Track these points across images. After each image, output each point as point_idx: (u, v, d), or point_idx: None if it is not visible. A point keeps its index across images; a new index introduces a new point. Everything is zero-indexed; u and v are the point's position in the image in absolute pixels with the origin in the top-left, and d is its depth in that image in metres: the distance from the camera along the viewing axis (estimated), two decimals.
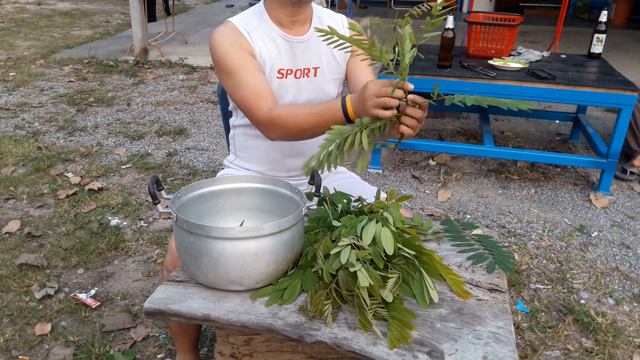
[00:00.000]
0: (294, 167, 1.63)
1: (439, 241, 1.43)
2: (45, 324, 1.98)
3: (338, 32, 1.18)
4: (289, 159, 1.63)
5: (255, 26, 1.51)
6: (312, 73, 1.56)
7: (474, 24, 3.32)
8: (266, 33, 1.51)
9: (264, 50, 1.50)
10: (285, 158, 1.63)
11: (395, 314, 1.09)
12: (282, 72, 1.53)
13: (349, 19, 1.61)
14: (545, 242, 2.59)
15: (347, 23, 1.60)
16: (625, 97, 2.83)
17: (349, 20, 1.60)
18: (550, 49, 5.10)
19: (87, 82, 5.11)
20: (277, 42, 1.52)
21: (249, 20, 1.52)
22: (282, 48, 1.52)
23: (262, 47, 1.50)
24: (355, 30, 1.23)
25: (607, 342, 1.96)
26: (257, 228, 1.12)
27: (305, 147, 1.60)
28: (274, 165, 1.64)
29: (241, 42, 1.48)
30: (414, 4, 9.95)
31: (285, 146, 1.60)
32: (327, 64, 1.57)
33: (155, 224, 2.69)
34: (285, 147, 1.61)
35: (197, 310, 1.13)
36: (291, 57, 1.53)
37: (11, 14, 8.99)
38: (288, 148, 1.61)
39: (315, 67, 1.56)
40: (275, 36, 1.52)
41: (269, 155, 1.63)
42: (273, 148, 1.61)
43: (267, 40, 1.51)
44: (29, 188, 3.01)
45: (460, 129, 4.09)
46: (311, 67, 1.56)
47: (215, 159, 3.48)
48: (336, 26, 1.59)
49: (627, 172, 3.25)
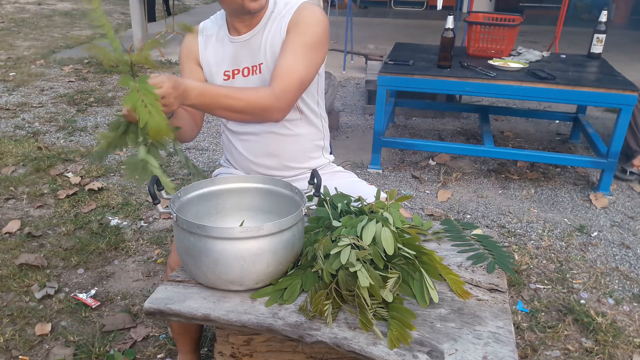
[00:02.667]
0: (269, 166, 1.65)
1: (439, 241, 1.43)
2: (45, 324, 1.98)
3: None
4: (261, 159, 1.64)
5: (212, 31, 1.59)
6: (257, 70, 1.56)
7: (474, 24, 3.32)
8: (219, 38, 1.58)
9: (211, 55, 1.58)
10: (257, 158, 1.64)
11: (395, 314, 1.09)
12: (227, 74, 1.57)
13: (306, 3, 1.51)
14: (545, 242, 2.59)
15: (298, 7, 1.49)
16: (625, 97, 2.83)
17: (301, 5, 1.50)
18: (550, 49, 5.10)
19: (87, 82, 5.12)
20: (225, 46, 1.57)
21: (213, 23, 1.61)
22: (227, 51, 1.56)
23: (210, 52, 1.58)
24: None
25: (607, 342, 1.96)
26: (257, 228, 1.12)
27: (274, 146, 1.62)
28: (249, 165, 1.66)
29: (191, 47, 1.60)
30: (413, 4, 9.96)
31: (255, 147, 1.63)
32: (272, 58, 1.52)
33: (155, 224, 2.69)
34: (254, 148, 1.63)
35: (197, 310, 1.13)
36: (235, 57, 1.56)
37: (11, 14, 8.99)
38: (260, 148, 1.63)
39: (259, 63, 1.55)
40: (225, 40, 1.57)
41: (242, 156, 1.66)
42: (244, 149, 1.65)
43: (217, 45, 1.58)
44: (29, 188, 3.01)
45: (460, 129, 4.09)
46: (257, 64, 1.55)
47: (215, 159, 3.48)
48: (281, 15, 1.50)
49: (627, 172, 3.25)
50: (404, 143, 3.37)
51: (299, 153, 1.66)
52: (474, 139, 3.88)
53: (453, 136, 3.95)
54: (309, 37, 1.45)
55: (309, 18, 1.47)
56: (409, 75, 3.05)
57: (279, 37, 1.50)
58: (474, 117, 4.36)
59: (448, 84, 3.02)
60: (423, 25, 8.26)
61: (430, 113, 4.29)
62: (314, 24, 1.47)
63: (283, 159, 1.64)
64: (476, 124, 4.21)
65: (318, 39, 1.47)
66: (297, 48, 1.44)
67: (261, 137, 1.60)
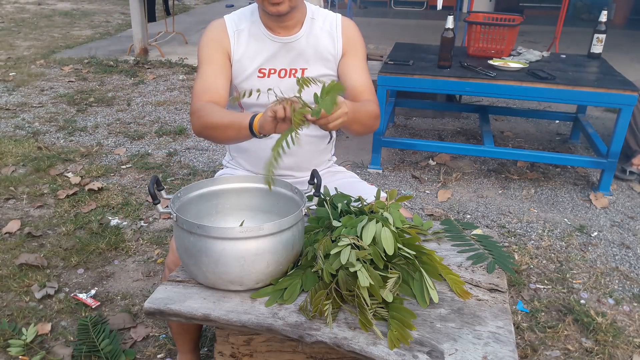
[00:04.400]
0: (285, 166, 1.64)
1: (439, 241, 1.43)
2: (45, 324, 1.98)
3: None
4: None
5: (244, 26, 1.57)
6: (298, 74, 1.58)
7: (474, 24, 3.32)
8: (253, 33, 1.57)
9: (247, 51, 1.56)
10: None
11: (395, 314, 1.09)
12: (263, 72, 1.57)
13: (345, 18, 1.63)
14: (545, 242, 2.59)
15: (341, 23, 1.61)
16: (625, 97, 2.83)
17: (344, 21, 1.62)
18: (550, 49, 5.10)
19: (87, 82, 5.11)
20: (263, 43, 1.56)
21: (241, 19, 1.59)
22: (266, 48, 1.56)
23: (245, 48, 1.56)
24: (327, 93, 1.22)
25: (607, 342, 1.96)
26: (257, 228, 1.12)
27: (295, 148, 1.60)
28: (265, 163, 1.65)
29: (222, 40, 1.56)
30: (413, 4, 9.96)
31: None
32: (316, 67, 1.59)
33: (155, 224, 2.69)
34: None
35: (197, 310, 1.13)
36: (275, 57, 1.56)
37: (11, 14, 8.99)
38: None
39: (302, 68, 1.58)
40: (262, 36, 1.56)
41: (259, 154, 1.64)
42: (262, 148, 1.63)
43: (253, 41, 1.56)
44: (29, 188, 3.01)
45: (460, 129, 4.09)
46: (298, 68, 1.58)
47: (215, 159, 3.48)
48: (329, 28, 1.60)
49: (627, 172, 3.25)
50: (404, 143, 3.37)
51: (314, 154, 1.68)
52: (474, 139, 3.88)
53: (453, 136, 3.95)
54: (364, 53, 1.65)
55: (359, 36, 1.64)
56: (409, 75, 3.05)
57: (324, 48, 1.59)
58: (474, 117, 4.36)
59: (448, 84, 3.02)
60: (423, 25, 8.26)
61: (430, 113, 4.29)
62: (362, 40, 1.66)
63: (299, 159, 1.65)
64: (476, 124, 4.21)
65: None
66: (363, 65, 1.62)
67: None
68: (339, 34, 1.60)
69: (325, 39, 1.59)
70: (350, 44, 1.61)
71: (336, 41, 1.59)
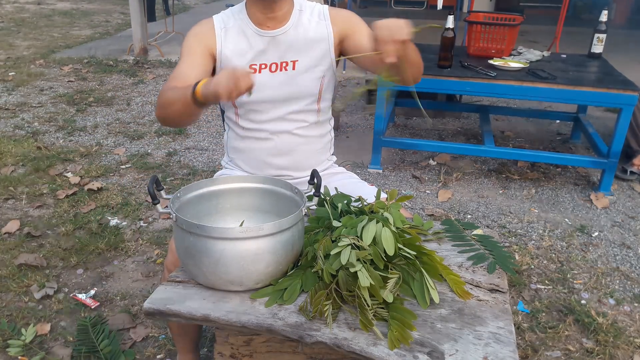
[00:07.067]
0: (283, 166, 1.64)
1: (440, 241, 1.42)
2: (44, 324, 1.98)
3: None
4: (275, 158, 1.64)
5: (232, 24, 1.57)
6: (290, 66, 1.56)
7: (474, 23, 3.32)
8: (241, 30, 1.57)
9: (236, 47, 1.56)
10: (271, 157, 1.63)
11: (395, 315, 1.09)
12: (254, 67, 1.56)
13: (332, 7, 1.62)
14: (545, 242, 2.59)
15: (329, 12, 1.60)
16: (626, 97, 2.83)
17: (331, 10, 1.60)
18: (550, 49, 5.10)
19: (87, 82, 5.11)
20: (251, 39, 1.56)
21: (229, 17, 1.59)
22: (254, 44, 1.55)
23: (234, 45, 1.56)
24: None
25: (607, 343, 1.95)
26: (257, 228, 1.12)
27: (289, 146, 1.62)
28: (262, 164, 1.65)
29: (206, 36, 1.56)
30: (414, 3, 9.95)
31: (270, 146, 1.62)
32: (308, 58, 1.57)
33: (155, 224, 2.69)
34: (269, 147, 1.62)
35: (196, 310, 1.13)
36: (265, 52, 1.56)
37: (11, 14, 8.99)
38: (272, 148, 1.62)
39: (293, 61, 1.57)
40: (250, 33, 1.56)
41: (256, 154, 1.64)
42: (259, 148, 1.63)
43: (241, 37, 1.56)
44: (28, 188, 3.01)
45: (460, 129, 4.09)
46: (289, 61, 1.56)
47: (215, 159, 3.48)
48: (317, 18, 1.58)
49: (627, 172, 3.24)
50: (404, 143, 3.36)
51: (312, 153, 1.67)
52: (474, 139, 3.87)
53: (453, 136, 3.94)
54: (364, 23, 1.60)
55: (351, 14, 1.63)
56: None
57: (314, 37, 1.56)
58: (475, 117, 4.36)
59: (448, 83, 3.01)
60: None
61: (430, 113, 4.29)
62: (356, 15, 1.63)
63: (297, 160, 1.64)
64: (476, 123, 4.21)
65: None
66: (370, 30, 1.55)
67: (278, 136, 1.60)
68: (328, 22, 1.58)
69: (314, 28, 1.57)
70: (348, 24, 1.58)
71: (327, 28, 1.57)
